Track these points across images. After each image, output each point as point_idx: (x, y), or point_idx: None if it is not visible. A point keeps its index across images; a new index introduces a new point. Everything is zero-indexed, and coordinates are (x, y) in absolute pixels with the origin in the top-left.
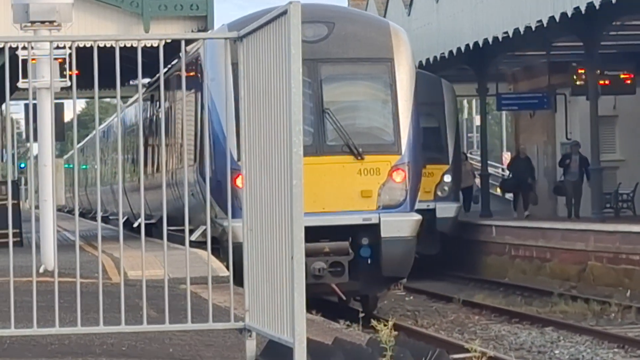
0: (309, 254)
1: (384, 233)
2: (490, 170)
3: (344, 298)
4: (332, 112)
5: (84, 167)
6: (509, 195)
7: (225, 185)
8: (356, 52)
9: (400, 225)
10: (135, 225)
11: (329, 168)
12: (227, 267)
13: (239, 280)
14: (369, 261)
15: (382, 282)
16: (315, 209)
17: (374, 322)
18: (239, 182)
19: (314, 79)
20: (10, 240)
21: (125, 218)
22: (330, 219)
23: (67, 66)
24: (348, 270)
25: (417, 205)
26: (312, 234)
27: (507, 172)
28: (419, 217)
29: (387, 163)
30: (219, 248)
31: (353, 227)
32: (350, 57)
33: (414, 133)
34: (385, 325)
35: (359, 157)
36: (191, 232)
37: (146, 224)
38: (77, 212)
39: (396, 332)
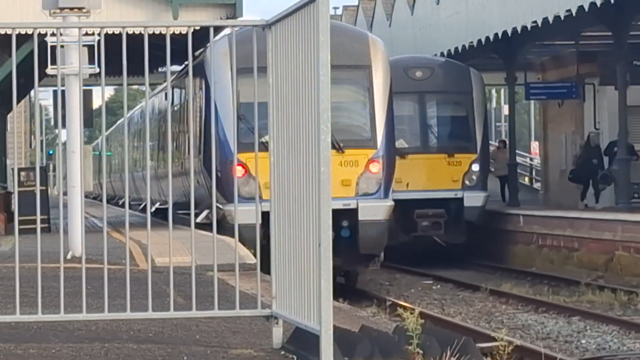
0: None
1: (361, 216)
2: (519, 159)
3: None
4: None
5: (109, 153)
6: (537, 185)
7: (224, 175)
8: (339, 60)
9: (375, 210)
10: (153, 210)
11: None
12: (254, 254)
13: (265, 267)
14: (349, 241)
15: (360, 259)
16: None
17: (400, 310)
18: (238, 171)
19: None
20: (38, 226)
21: (143, 204)
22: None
23: (95, 52)
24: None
25: (445, 194)
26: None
27: (534, 161)
28: (391, 203)
29: (364, 156)
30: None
31: (335, 212)
32: (334, 64)
33: (388, 130)
34: (412, 313)
35: (340, 151)
36: (197, 215)
37: (161, 208)
38: (104, 199)
39: (423, 321)
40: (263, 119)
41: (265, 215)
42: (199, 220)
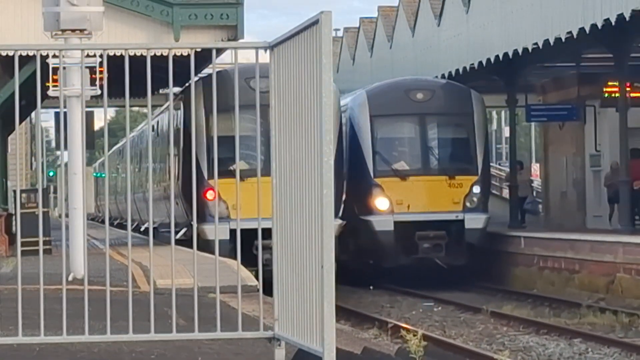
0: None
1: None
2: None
3: None
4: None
5: (101, 175)
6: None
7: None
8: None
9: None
10: (142, 229)
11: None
12: (256, 277)
13: (267, 289)
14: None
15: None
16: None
17: (403, 332)
18: (208, 195)
19: (265, 121)
20: (41, 247)
21: (135, 224)
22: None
23: (97, 74)
24: None
25: (446, 216)
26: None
27: (534, 183)
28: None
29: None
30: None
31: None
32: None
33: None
34: (414, 335)
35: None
36: (177, 232)
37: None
38: (107, 220)
39: (425, 343)
40: (229, 151)
41: (234, 233)
42: (177, 236)
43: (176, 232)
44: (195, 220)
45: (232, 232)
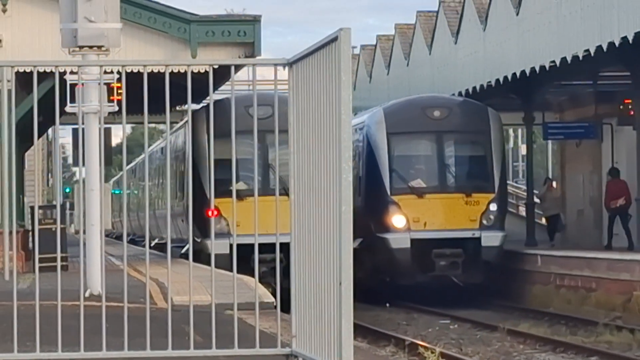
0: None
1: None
2: (536, 199)
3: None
4: (273, 166)
5: (117, 191)
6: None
7: (197, 214)
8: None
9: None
10: (152, 245)
11: (270, 204)
12: (273, 294)
13: (283, 306)
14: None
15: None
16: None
17: (421, 350)
18: (210, 213)
19: (263, 145)
20: (59, 263)
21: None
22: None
23: (114, 91)
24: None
25: (462, 234)
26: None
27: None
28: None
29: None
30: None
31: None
32: (286, 129)
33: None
34: (432, 352)
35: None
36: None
37: (160, 243)
38: (125, 237)
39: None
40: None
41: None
42: (183, 251)
43: (181, 247)
44: (210, 234)
45: (232, 247)
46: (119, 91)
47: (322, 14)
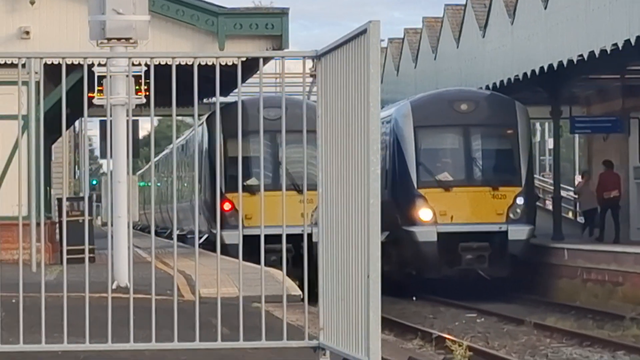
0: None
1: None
2: (563, 193)
3: None
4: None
5: (142, 184)
6: (580, 219)
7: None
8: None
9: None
10: (166, 234)
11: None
12: (300, 286)
13: (310, 299)
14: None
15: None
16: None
17: (448, 343)
18: (225, 206)
19: (274, 144)
20: (87, 255)
21: (168, 232)
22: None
23: (142, 84)
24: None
25: (489, 228)
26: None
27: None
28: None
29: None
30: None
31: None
32: (294, 129)
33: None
34: (460, 346)
35: (300, 192)
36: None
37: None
38: (152, 229)
39: (471, 353)
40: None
41: (245, 238)
42: (200, 241)
43: (199, 238)
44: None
45: (245, 237)
46: (146, 81)
47: (348, 7)
